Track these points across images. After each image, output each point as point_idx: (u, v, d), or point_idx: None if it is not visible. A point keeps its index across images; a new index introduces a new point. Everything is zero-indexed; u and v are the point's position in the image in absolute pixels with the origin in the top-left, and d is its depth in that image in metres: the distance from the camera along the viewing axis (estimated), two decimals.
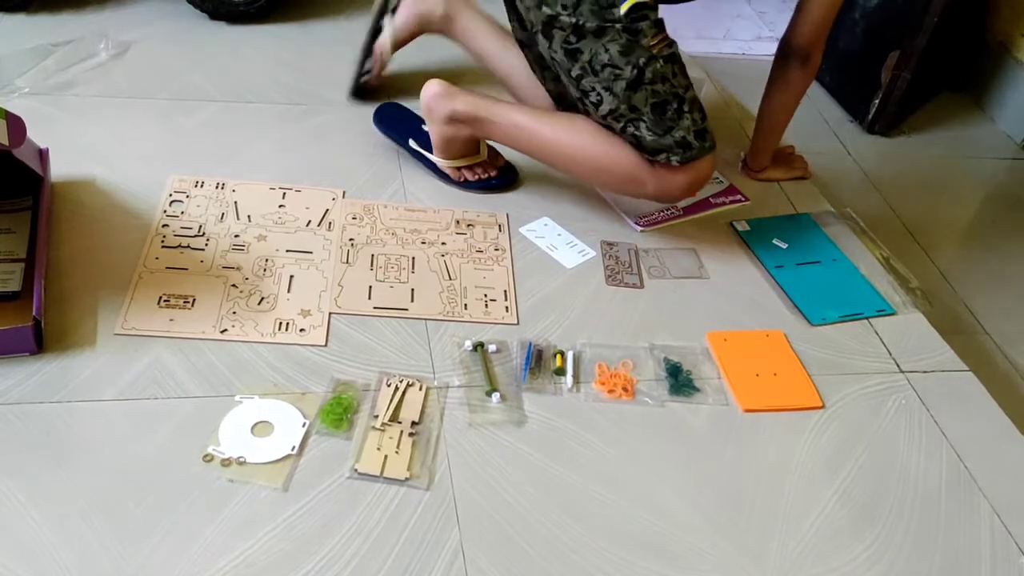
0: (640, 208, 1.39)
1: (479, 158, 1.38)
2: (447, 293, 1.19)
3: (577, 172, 1.32)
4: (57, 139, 1.29)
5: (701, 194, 1.44)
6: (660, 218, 1.39)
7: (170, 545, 0.85)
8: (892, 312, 1.27)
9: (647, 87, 1.17)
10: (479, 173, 1.38)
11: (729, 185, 1.48)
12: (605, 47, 1.16)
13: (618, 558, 0.91)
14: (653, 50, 1.16)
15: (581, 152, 1.26)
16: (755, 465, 1.03)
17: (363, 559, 0.87)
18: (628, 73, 1.16)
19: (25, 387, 0.98)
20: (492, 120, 1.29)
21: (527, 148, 1.31)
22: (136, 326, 1.07)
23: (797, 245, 1.37)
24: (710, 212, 1.42)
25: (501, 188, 1.39)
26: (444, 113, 1.30)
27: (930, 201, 1.75)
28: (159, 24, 1.69)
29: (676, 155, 1.21)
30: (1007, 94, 2.01)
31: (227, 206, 1.28)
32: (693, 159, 1.22)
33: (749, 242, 1.37)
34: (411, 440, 0.99)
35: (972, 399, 1.17)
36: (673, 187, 1.25)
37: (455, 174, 1.38)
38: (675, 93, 1.19)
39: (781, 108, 1.41)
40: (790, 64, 1.34)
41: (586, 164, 1.28)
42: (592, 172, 1.30)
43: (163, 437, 0.95)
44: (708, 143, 1.23)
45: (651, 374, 1.12)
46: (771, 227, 1.41)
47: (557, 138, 1.27)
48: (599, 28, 1.15)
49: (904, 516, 1.00)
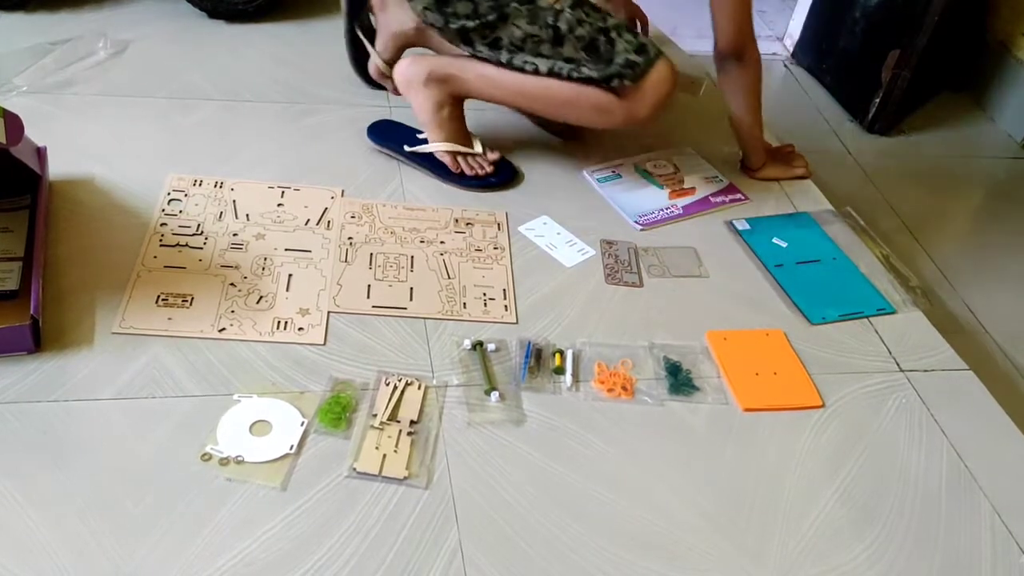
0: (638, 206, 1.39)
1: (473, 151, 1.39)
2: (446, 292, 1.19)
3: (547, 110, 1.38)
4: (55, 138, 1.29)
5: (700, 192, 1.44)
6: (660, 217, 1.39)
7: (168, 544, 0.85)
8: (892, 311, 1.27)
9: (569, 37, 1.25)
10: (476, 168, 1.39)
11: (729, 184, 1.48)
12: (515, 26, 1.26)
13: (617, 557, 0.91)
14: (556, 5, 1.24)
15: (547, 91, 1.31)
16: (755, 464, 1.03)
17: (362, 558, 0.87)
18: (545, 35, 1.25)
19: (23, 386, 0.98)
20: (462, 75, 1.34)
21: (499, 96, 1.36)
22: (134, 325, 1.07)
23: (797, 244, 1.37)
24: (710, 211, 1.42)
25: (500, 186, 1.39)
26: (421, 76, 1.35)
27: (930, 200, 1.75)
28: (158, 23, 1.69)
29: (627, 77, 1.26)
30: (1007, 93, 2.01)
31: (225, 205, 1.27)
32: (644, 73, 1.27)
33: (749, 241, 1.36)
34: (410, 439, 0.99)
35: (972, 398, 1.17)
36: (639, 106, 1.29)
37: (452, 163, 1.38)
38: (597, 28, 1.26)
39: (745, 108, 1.43)
40: (728, 66, 1.38)
41: (554, 101, 1.33)
42: (561, 107, 1.34)
43: (161, 436, 0.95)
44: (652, 53, 1.27)
45: (650, 373, 1.12)
46: (771, 226, 1.40)
47: (523, 81, 1.32)
48: (501, 15, 1.25)
49: (904, 515, 1.00)
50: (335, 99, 1.55)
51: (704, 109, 1.67)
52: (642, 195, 1.43)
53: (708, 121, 1.62)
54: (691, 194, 1.45)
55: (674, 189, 1.45)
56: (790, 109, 1.97)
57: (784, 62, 2.12)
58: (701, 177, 1.49)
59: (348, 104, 1.54)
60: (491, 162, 1.41)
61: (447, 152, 1.39)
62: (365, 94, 1.57)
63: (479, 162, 1.40)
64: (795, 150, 1.57)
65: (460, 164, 1.39)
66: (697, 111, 1.68)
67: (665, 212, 1.40)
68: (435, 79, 1.35)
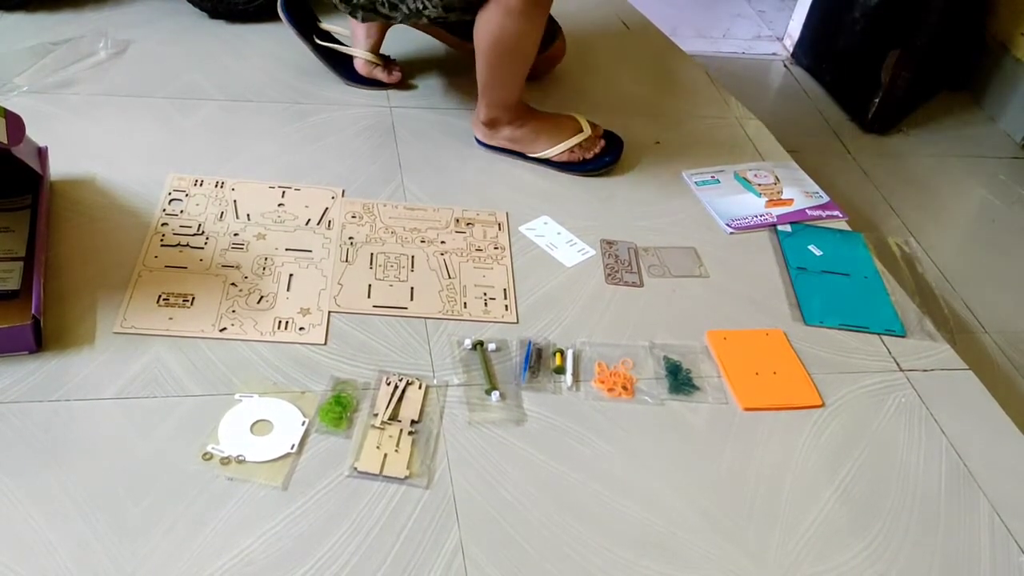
0: (731, 211, 1.40)
1: (584, 135, 1.41)
2: (447, 292, 1.19)
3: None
4: (56, 137, 1.29)
5: (798, 205, 1.44)
6: (753, 224, 1.39)
7: (169, 543, 0.85)
8: (902, 334, 1.24)
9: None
10: (593, 150, 1.42)
11: (828, 201, 1.47)
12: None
13: (617, 556, 0.91)
14: None
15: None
16: (755, 464, 1.03)
17: (362, 557, 0.87)
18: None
19: (24, 385, 0.98)
20: None
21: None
22: (135, 324, 1.07)
23: (833, 255, 1.35)
24: (804, 223, 1.42)
25: (614, 162, 1.43)
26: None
27: (930, 200, 1.75)
28: (158, 23, 1.68)
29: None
30: (1007, 93, 2.01)
31: (226, 205, 1.28)
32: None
33: (783, 243, 1.36)
34: (410, 439, 0.99)
35: (972, 398, 1.17)
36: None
37: (568, 156, 1.41)
38: None
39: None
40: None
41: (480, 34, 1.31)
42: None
43: (162, 435, 0.95)
44: None
45: (651, 373, 1.12)
46: (815, 234, 1.39)
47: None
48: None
49: (904, 515, 1.00)
50: (335, 99, 1.55)
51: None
52: (738, 201, 1.43)
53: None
54: (788, 204, 1.44)
55: (772, 199, 1.45)
56: (790, 109, 1.97)
57: (784, 62, 2.12)
58: (801, 191, 1.48)
59: (348, 104, 1.54)
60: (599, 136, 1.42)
61: (566, 151, 1.41)
62: (365, 94, 1.57)
63: (590, 141, 1.41)
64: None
65: (576, 153, 1.41)
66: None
67: (759, 219, 1.40)
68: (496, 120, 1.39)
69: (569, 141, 1.40)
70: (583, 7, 1.97)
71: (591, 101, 1.64)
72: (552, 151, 1.40)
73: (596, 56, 1.64)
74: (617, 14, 1.98)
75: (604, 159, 1.41)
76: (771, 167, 1.54)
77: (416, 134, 1.49)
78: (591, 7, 1.99)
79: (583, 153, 1.42)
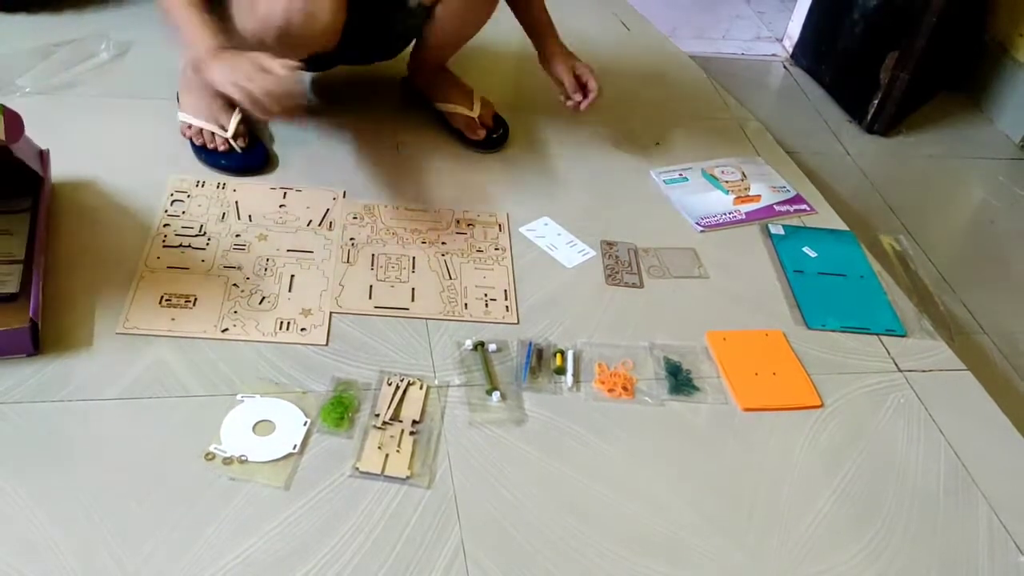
0: (700, 209, 1.40)
1: (472, 112, 1.46)
2: (447, 293, 1.20)
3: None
4: (58, 139, 1.29)
5: (765, 200, 1.45)
6: (722, 221, 1.40)
7: (172, 543, 0.86)
8: (903, 334, 1.24)
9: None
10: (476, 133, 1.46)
11: (796, 195, 1.48)
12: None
13: (618, 556, 0.91)
14: None
15: None
16: (754, 464, 1.03)
17: (364, 557, 0.87)
18: None
19: (27, 387, 0.98)
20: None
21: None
22: (138, 325, 1.07)
23: (828, 256, 1.36)
24: (773, 219, 1.42)
25: (502, 143, 1.48)
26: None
27: (929, 201, 1.75)
28: (160, 24, 1.68)
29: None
30: (1006, 94, 2.01)
31: (228, 206, 1.28)
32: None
33: (778, 245, 1.36)
34: (412, 439, 0.99)
35: (971, 398, 1.17)
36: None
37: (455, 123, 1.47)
38: None
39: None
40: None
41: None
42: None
43: (165, 436, 0.95)
44: None
45: (651, 373, 1.13)
46: (808, 236, 1.40)
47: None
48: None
49: (903, 515, 1.00)
50: (336, 99, 1.55)
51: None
52: (706, 199, 1.44)
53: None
54: (756, 201, 1.45)
55: (739, 195, 1.45)
56: (789, 110, 1.97)
57: (783, 63, 2.12)
58: (768, 186, 1.49)
59: (349, 104, 1.54)
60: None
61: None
62: (365, 94, 1.57)
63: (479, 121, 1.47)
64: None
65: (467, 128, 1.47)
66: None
67: (728, 216, 1.41)
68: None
69: (455, 107, 1.47)
70: (583, 7, 1.97)
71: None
72: (442, 106, 1.48)
73: (596, 57, 1.63)
74: (616, 15, 1.99)
75: (479, 146, 1.47)
76: (737, 163, 1.54)
77: (417, 134, 1.49)
78: (591, 7, 1.99)
79: (469, 133, 1.47)
